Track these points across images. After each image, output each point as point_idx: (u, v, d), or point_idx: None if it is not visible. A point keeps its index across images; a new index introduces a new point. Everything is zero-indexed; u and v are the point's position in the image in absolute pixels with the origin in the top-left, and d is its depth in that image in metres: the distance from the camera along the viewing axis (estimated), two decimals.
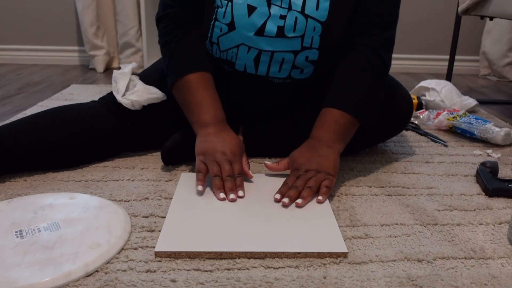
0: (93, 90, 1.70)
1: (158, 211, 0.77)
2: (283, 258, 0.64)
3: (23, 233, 0.66)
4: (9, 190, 0.83)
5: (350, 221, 0.75)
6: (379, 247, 0.67)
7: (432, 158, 1.05)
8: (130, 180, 0.89)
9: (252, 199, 0.79)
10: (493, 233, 0.72)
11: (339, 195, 0.84)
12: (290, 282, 0.59)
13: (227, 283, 0.58)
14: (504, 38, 2.09)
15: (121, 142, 0.98)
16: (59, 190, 0.83)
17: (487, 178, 0.89)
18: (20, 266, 0.59)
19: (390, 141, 1.15)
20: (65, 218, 0.71)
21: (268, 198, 0.79)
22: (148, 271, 0.60)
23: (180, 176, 0.89)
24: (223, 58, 0.91)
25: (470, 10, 1.47)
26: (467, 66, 2.29)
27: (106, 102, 0.99)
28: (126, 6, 2.07)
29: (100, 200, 0.78)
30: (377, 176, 0.94)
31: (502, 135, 1.13)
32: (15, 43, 2.29)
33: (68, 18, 2.24)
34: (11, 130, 0.88)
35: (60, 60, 2.30)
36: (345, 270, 0.61)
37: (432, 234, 0.71)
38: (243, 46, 0.87)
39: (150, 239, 0.68)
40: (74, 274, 0.58)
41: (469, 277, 0.61)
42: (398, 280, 0.60)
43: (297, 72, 0.90)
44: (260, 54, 0.87)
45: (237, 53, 0.88)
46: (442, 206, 0.81)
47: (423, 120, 1.32)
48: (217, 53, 0.91)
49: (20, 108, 1.44)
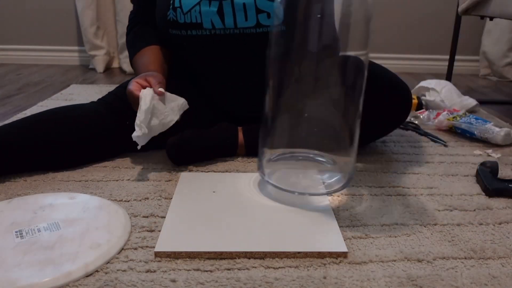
0: (93, 90, 1.70)
1: (158, 211, 0.77)
2: (283, 258, 0.64)
3: (23, 233, 0.66)
4: (9, 190, 0.83)
5: (350, 221, 0.75)
6: (379, 247, 0.67)
7: (432, 158, 1.05)
8: (130, 180, 0.89)
9: (252, 199, 0.79)
10: (493, 233, 0.72)
11: (339, 195, 0.84)
12: (290, 282, 0.59)
13: (227, 283, 0.58)
14: (504, 38, 2.09)
15: (121, 142, 0.98)
16: (59, 190, 0.83)
17: (487, 178, 0.89)
18: (20, 266, 0.59)
19: (390, 141, 1.15)
20: (65, 218, 0.71)
21: (268, 198, 0.79)
22: (148, 271, 0.60)
23: (180, 176, 0.89)
24: (188, 22, 0.92)
25: (470, 10, 1.47)
26: (467, 66, 2.29)
27: (105, 103, 0.99)
28: (126, 6, 2.07)
29: (100, 200, 0.78)
30: (377, 176, 0.94)
31: (502, 135, 1.13)
32: (15, 43, 2.29)
33: (68, 18, 2.24)
34: (11, 130, 0.89)
35: (60, 60, 2.30)
36: (345, 270, 0.61)
37: (432, 234, 0.71)
38: (203, 1, 0.89)
39: (150, 239, 0.68)
40: (74, 274, 0.58)
41: (469, 277, 0.61)
42: (398, 280, 0.60)
43: (264, 17, 0.91)
44: (221, 5, 0.89)
45: (200, 11, 0.90)
46: (442, 206, 0.81)
47: (423, 120, 1.32)
48: (182, 18, 0.92)
49: (20, 108, 1.44)
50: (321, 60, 0.72)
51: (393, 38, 2.27)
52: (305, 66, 0.73)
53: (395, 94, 0.97)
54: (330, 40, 0.71)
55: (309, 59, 0.72)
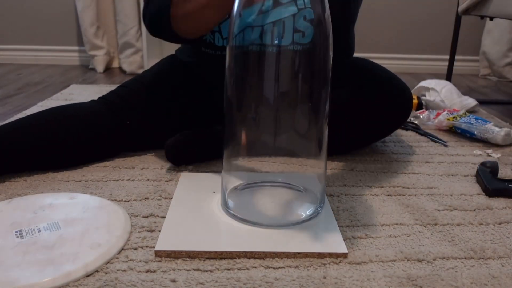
0: (93, 90, 1.70)
1: (158, 211, 0.77)
2: (283, 258, 0.64)
3: (23, 233, 0.66)
4: (9, 190, 0.83)
5: (350, 221, 0.75)
6: (379, 247, 0.67)
7: (432, 158, 1.05)
8: (130, 180, 0.89)
9: None
10: (493, 233, 0.72)
11: (339, 195, 0.84)
12: (290, 282, 0.59)
13: (227, 283, 0.58)
14: (504, 38, 2.09)
15: (121, 142, 0.99)
16: (59, 190, 0.84)
17: (487, 178, 0.89)
18: (20, 266, 0.59)
19: (390, 141, 1.15)
20: (65, 218, 0.71)
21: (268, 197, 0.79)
22: (148, 271, 0.60)
23: (180, 176, 0.89)
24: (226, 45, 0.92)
25: (470, 10, 1.47)
26: (467, 66, 2.29)
27: (105, 102, 0.99)
28: (126, 6, 2.07)
29: (100, 200, 0.78)
30: (377, 176, 0.94)
31: (502, 135, 1.13)
32: (15, 43, 2.29)
33: (68, 18, 2.24)
34: (11, 130, 0.88)
35: (60, 60, 2.30)
36: (345, 270, 0.61)
37: (432, 234, 0.71)
38: (247, 29, 0.88)
39: (150, 239, 0.68)
40: (74, 274, 0.58)
41: (469, 277, 0.61)
42: (398, 280, 0.60)
43: (299, 36, 0.90)
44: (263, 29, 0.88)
45: (243, 37, 0.89)
46: (442, 206, 0.81)
47: (423, 120, 1.32)
48: (220, 42, 0.92)
49: (20, 108, 1.44)
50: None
51: (393, 38, 2.27)
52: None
53: (396, 95, 0.97)
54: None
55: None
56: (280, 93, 0.69)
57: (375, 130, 1.01)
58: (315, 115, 0.70)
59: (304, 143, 0.72)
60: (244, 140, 0.72)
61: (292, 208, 0.74)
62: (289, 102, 0.70)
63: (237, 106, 0.71)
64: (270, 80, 0.68)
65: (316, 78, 0.69)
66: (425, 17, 2.23)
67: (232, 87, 0.70)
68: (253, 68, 0.70)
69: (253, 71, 0.70)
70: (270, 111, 0.70)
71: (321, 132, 0.72)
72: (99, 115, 0.96)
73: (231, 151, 0.73)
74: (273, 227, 0.70)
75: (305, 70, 0.69)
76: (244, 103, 0.71)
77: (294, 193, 0.77)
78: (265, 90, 0.68)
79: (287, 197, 0.76)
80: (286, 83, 0.69)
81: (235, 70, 0.70)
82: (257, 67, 0.70)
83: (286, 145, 0.72)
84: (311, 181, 0.75)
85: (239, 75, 0.70)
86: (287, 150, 0.73)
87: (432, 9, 2.21)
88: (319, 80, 0.69)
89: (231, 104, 0.71)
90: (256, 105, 0.70)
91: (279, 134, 0.71)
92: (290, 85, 0.69)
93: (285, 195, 0.77)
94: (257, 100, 0.70)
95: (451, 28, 2.06)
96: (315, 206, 0.74)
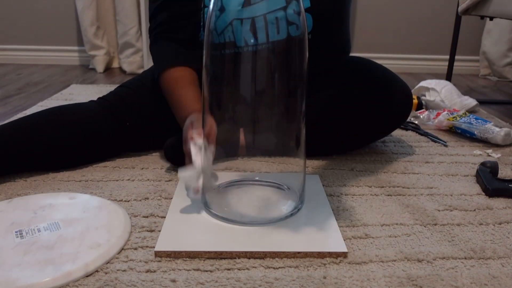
0: (93, 90, 1.70)
1: (158, 211, 0.77)
2: (283, 258, 0.64)
3: (23, 233, 0.66)
4: (9, 190, 0.83)
5: (350, 221, 0.75)
6: (379, 247, 0.67)
7: (432, 158, 1.05)
8: (130, 180, 0.89)
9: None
10: (493, 233, 0.72)
11: (339, 195, 0.84)
12: (290, 282, 0.59)
13: (227, 283, 0.58)
14: (504, 38, 2.09)
15: (121, 142, 0.98)
16: (59, 190, 0.83)
17: (487, 178, 0.89)
18: (20, 266, 0.59)
19: (390, 141, 1.15)
20: (65, 218, 0.71)
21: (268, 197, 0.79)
22: (148, 271, 0.60)
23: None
24: (222, 42, 0.92)
25: (470, 10, 1.47)
26: (467, 66, 2.29)
27: (105, 102, 0.99)
28: (126, 6, 2.07)
29: (100, 200, 0.78)
30: (377, 176, 0.94)
31: (502, 135, 1.13)
32: (15, 43, 2.29)
33: (68, 18, 2.24)
34: (11, 130, 0.88)
35: (60, 60, 2.30)
36: (345, 270, 0.61)
37: (432, 234, 0.71)
38: (236, 21, 0.89)
39: (150, 239, 0.68)
40: (74, 274, 0.58)
41: (469, 277, 0.61)
42: (398, 280, 0.60)
43: (294, 29, 0.90)
44: (254, 22, 0.89)
45: (232, 30, 0.90)
46: (442, 206, 0.81)
47: (423, 120, 1.32)
48: (216, 39, 0.92)
49: (20, 108, 1.44)
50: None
51: (393, 38, 2.27)
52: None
53: (396, 94, 0.97)
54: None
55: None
56: (256, 92, 0.70)
57: (375, 130, 1.01)
58: (292, 114, 0.71)
59: (282, 142, 0.74)
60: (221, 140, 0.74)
61: (272, 205, 0.75)
62: (265, 100, 0.71)
63: (216, 105, 0.72)
64: (246, 79, 0.69)
65: (291, 76, 0.70)
66: (425, 17, 2.23)
67: (208, 86, 0.71)
68: (228, 68, 0.72)
69: (229, 71, 0.72)
70: (247, 110, 0.70)
71: (299, 130, 0.72)
72: (98, 116, 0.96)
73: None
74: (253, 224, 0.70)
75: (280, 68, 0.70)
76: (221, 102, 0.72)
77: (274, 190, 0.78)
78: (241, 89, 0.69)
79: (268, 195, 0.77)
80: (261, 81, 0.70)
81: (211, 68, 0.72)
82: (233, 67, 0.72)
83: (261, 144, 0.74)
84: (291, 179, 0.76)
85: (215, 74, 0.72)
86: (263, 149, 0.76)
87: (432, 9, 2.21)
88: (295, 78, 0.70)
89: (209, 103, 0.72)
90: (233, 104, 0.71)
91: (256, 132, 0.73)
92: (266, 83, 0.70)
93: (265, 193, 0.77)
94: (234, 99, 0.71)
95: (451, 28, 2.06)
96: (296, 202, 0.74)
